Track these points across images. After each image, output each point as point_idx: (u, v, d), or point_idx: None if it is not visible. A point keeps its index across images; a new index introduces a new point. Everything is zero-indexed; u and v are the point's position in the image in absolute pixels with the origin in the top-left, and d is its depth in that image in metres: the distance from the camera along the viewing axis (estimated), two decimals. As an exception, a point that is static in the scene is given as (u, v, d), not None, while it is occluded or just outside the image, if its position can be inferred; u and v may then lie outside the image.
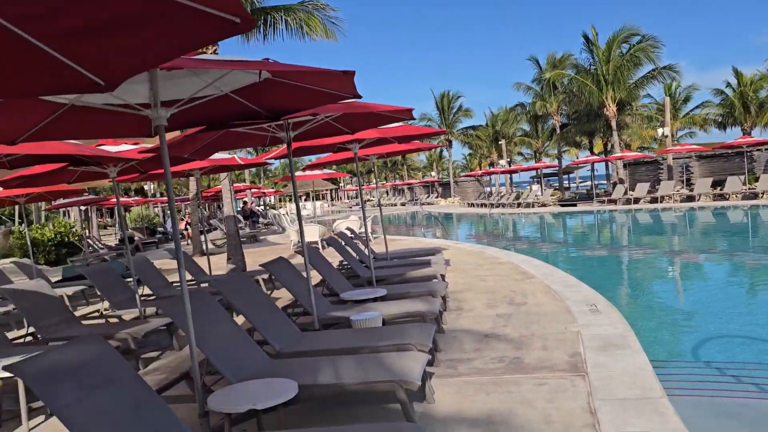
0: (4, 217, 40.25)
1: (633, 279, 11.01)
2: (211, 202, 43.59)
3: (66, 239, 21.59)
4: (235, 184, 35.67)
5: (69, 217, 34.04)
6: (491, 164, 55.79)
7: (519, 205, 35.47)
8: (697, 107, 46.31)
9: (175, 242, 3.79)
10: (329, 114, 5.08)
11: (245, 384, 3.70)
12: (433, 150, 71.20)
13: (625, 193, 30.51)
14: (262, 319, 4.91)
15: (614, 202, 30.23)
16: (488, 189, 54.83)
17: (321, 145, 7.65)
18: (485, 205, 39.31)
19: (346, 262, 9.22)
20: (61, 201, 25.12)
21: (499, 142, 50.20)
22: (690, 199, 27.58)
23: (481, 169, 56.80)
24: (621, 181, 33.41)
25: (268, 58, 3.29)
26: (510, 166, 48.56)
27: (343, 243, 9.89)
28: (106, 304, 8.46)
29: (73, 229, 23.37)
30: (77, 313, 9.62)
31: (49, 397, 2.56)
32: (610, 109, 32.82)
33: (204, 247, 12.02)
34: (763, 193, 24.99)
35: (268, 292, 9.81)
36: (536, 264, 10.85)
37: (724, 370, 4.91)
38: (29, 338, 7.19)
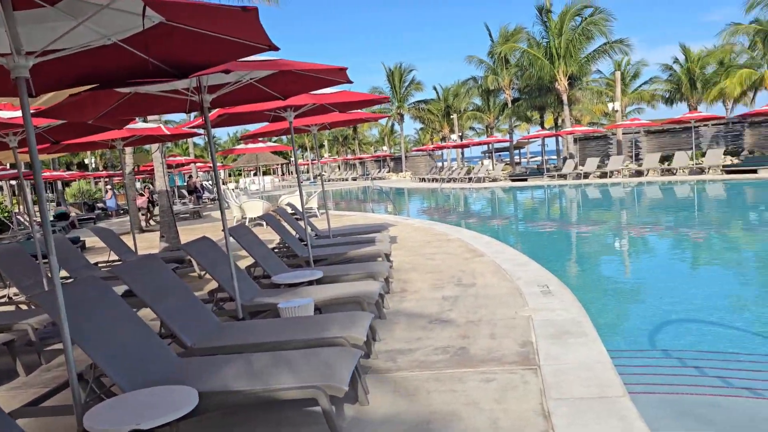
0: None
1: (585, 257, 10.73)
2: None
3: (-7, 216, 20.16)
4: (176, 158, 34.22)
5: (2, 191, 32.09)
6: (443, 139, 55.50)
7: (470, 180, 35.27)
8: (645, 83, 46.98)
9: (44, 221, 3.08)
10: (247, 72, 4.40)
11: (136, 394, 3.07)
12: (386, 124, 70.48)
13: (576, 168, 30.61)
14: (172, 309, 4.26)
15: (564, 177, 30.28)
16: (440, 164, 54.64)
17: (251, 113, 6.93)
18: (436, 180, 39.01)
19: (285, 241, 8.59)
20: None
21: (451, 117, 49.89)
22: (639, 173, 27.81)
23: (432, 144, 56.44)
24: (571, 156, 33.53)
25: (152, -8, 2.61)
26: (461, 140, 48.36)
27: (281, 220, 9.24)
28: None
29: (1, 205, 21.89)
30: (-13, 298, 8.72)
31: None
32: (562, 84, 32.75)
33: (141, 223, 11.17)
34: (708, 168, 25.34)
35: (202, 273, 9.10)
36: (486, 241, 10.44)
37: (685, 361, 4.55)
38: None
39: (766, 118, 27.54)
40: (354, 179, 58.47)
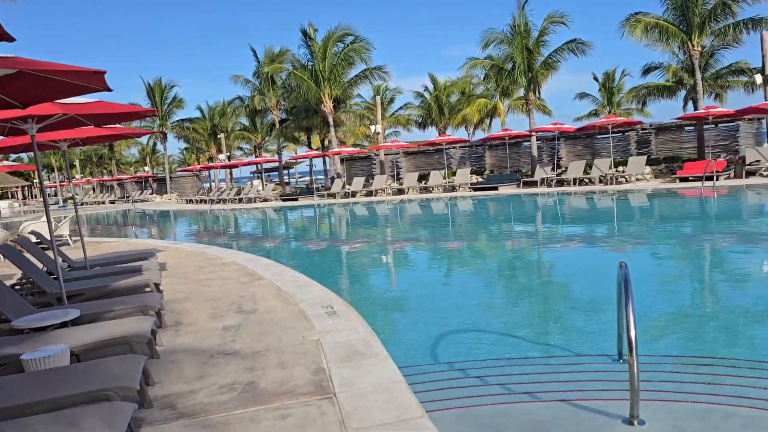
0: None
1: (363, 274, 10.94)
2: None
3: None
4: None
5: None
6: (210, 159, 53.67)
7: (240, 200, 34.51)
8: (400, 108, 50.83)
9: None
10: (-29, 69, 3.54)
11: None
12: (146, 143, 66.04)
13: (344, 187, 31.70)
14: None
15: (334, 196, 31.16)
16: (207, 185, 52.75)
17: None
18: (205, 201, 37.46)
19: (29, 276, 7.29)
20: None
21: (218, 137, 48.49)
22: (401, 191, 29.75)
23: (199, 164, 54.30)
24: (339, 176, 34.67)
25: None
26: (230, 161, 47.25)
27: (23, 251, 7.86)
28: None
29: None
30: None
31: None
32: (327, 106, 33.75)
33: None
34: (459, 186, 28.07)
35: None
36: (264, 263, 10.09)
37: (469, 371, 4.73)
38: None
39: (502, 141, 31.48)
40: (112, 202, 53.59)
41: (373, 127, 33.95)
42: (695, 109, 37.78)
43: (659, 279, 8.30)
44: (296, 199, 32.92)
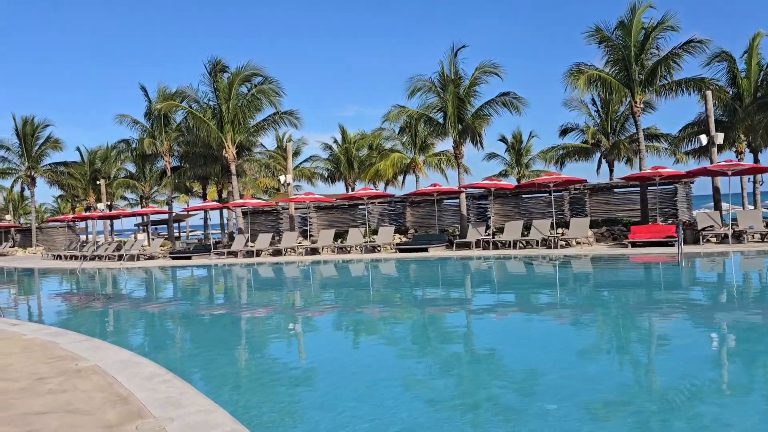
0: None
1: (325, 404, 6.65)
2: None
3: None
4: None
5: None
6: (88, 208, 47.37)
7: (121, 257, 29.31)
8: (306, 160, 47.64)
9: None
10: None
11: None
12: (10, 188, 58.06)
13: (246, 243, 27.57)
14: None
15: (235, 254, 26.91)
16: (83, 237, 46.40)
17: None
18: (77, 257, 31.76)
19: None
20: None
21: (98, 183, 42.73)
22: (314, 251, 26.05)
23: (74, 214, 47.73)
24: (240, 231, 30.50)
25: None
26: (110, 210, 41.54)
27: None
28: None
29: None
30: None
31: None
32: (230, 152, 29.82)
33: None
34: (381, 246, 24.83)
35: None
36: (146, 372, 6.19)
37: None
38: None
39: (424, 198, 28.86)
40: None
41: (282, 177, 30.28)
42: (610, 171, 37.54)
43: None
44: (189, 257, 28.29)
